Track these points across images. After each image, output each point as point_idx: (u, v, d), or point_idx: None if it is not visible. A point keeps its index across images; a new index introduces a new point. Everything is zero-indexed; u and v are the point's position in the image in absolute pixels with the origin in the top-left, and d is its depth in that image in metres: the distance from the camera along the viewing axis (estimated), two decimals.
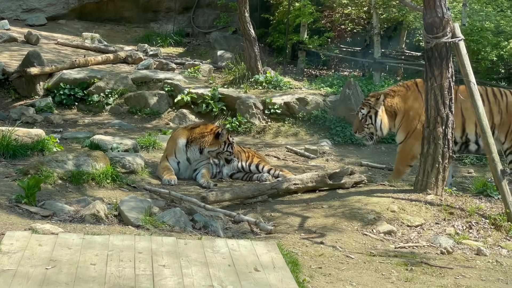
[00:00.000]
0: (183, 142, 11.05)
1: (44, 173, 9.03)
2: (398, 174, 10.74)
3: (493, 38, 17.48)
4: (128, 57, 19.14)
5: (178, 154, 11.02)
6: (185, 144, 11.04)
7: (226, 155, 11.14)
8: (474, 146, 10.75)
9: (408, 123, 10.64)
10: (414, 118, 10.60)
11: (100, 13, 24.57)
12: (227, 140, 11.12)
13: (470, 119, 10.47)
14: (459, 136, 10.61)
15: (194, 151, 11.03)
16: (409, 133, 10.60)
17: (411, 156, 10.67)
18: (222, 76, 18.48)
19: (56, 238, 6.48)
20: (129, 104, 15.99)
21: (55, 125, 14.40)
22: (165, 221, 7.93)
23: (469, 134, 10.63)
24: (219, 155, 11.13)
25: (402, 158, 10.76)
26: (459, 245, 8.15)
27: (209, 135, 11.11)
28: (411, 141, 10.59)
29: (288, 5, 21.28)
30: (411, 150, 10.60)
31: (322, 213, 8.95)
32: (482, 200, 9.45)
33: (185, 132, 11.20)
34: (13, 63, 16.85)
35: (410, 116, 10.64)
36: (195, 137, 11.07)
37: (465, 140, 10.69)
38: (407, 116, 10.67)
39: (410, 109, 10.67)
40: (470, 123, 10.51)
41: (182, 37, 24.08)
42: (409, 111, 10.66)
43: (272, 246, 6.81)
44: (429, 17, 9.10)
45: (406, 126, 10.66)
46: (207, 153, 11.04)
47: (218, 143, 11.05)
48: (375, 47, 20.36)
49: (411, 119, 10.62)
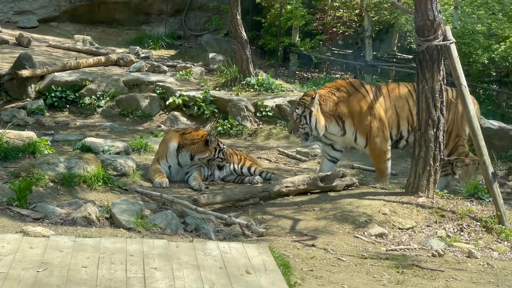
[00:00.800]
0: (174, 146, 11.02)
1: (36, 175, 9.01)
2: (382, 173, 10.71)
3: (484, 41, 17.53)
4: (120, 60, 19.13)
5: (169, 158, 11.00)
6: (176, 149, 11.01)
7: (217, 161, 11.11)
8: (403, 143, 10.93)
9: (362, 126, 10.59)
10: (366, 119, 10.56)
11: (92, 15, 24.58)
12: (218, 147, 11.09)
13: (403, 117, 10.71)
14: (394, 134, 10.79)
15: (185, 157, 11.01)
16: (368, 134, 10.58)
17: (383, 152, 10.67)
18: (213, 78, 18.50)
19: (48, 241, 6.46)
20: (121, 107, 15.98)
21: (46, 127, 14.39)
22: (157, 224, 7.92)
23: (403, 131, 10.79)
24: (211, 161, 11.09)
25: (376, 158, 10.75)
26: (451, 247, 8.16)
27: (200, 142, 11.06)
28: (373, 140, 10.59)
29: (280, 7, 21.32)
30: (380, 148, 10.61)
31: (314, 215, 8.95)
32: (474, 203, 9.46)
33: (176, 137, 11.16)
34: (4, 66, 16.84)
35: (360, 119, 10.58)
36: (186, 143, 11.04)
37: (399, 137, 10.82)
38: (358, 120, 10.60)
39: (357, 112, 10.60)
40: (404, 121, 10.71)
41: (174, 40, 24.11)
42: (357, 114, 10.59)
43: (263, 249, 6.80)
44: (421, 20, 9.13)
45: (363, 130, 10.60)
46: (197, 160, 11.02)
47: (208, 150, 11.02)
48: (366, 50, 20.43)
49: (363, 122, 10.57)
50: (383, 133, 10.59)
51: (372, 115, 10.53)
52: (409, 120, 10.67)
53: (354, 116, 10.59)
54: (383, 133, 10.59)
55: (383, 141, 10.58)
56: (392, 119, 10.66)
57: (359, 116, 10.57)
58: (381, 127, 10.57)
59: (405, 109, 10.69)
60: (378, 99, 10.66)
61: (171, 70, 19.44)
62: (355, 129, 10.62)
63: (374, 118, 10.53)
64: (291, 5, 21.16)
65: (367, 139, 10.60)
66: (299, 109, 10.68)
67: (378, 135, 10.55)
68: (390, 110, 10.67)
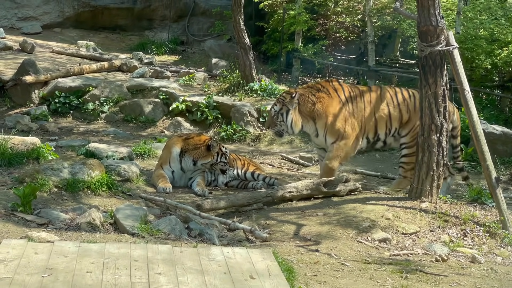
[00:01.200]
0: (177, 151, 11.04)
1: (40, 181, 9.03)
2: (331, 172, 10.52)
3: (487, 46, 17.52)
4: (123, 65, 19.17)
5: (172, 163, 11.02)
6: (179, 154, 11.03)
7: (220, 166, 11.13)
8: (380, 144, 10.98)
9: (333, 129, 10.54)
10: (338, 123, 10.53)
11: (95, 21, 24.65)
12: (220, 151, 11.12)
13: (381, 121, 10.70)
14: (371, 137, 10.80)
15: (188, 162, 11.03)
16: (339, 136, 10.53)
17: (346, 156, 10.66)
18: (216, 84, 18.53)
19: (52, 246, 6.48)
20: (124, 112, 16.01)
21: (50, 133, 14.42)
22: (161, 229, 7.94)
23: (380, 134, 10.80)
24: (214, 166, 11.11)
25: (335, 157, 10.59)
26: (454, 252, 8.17)
27: (202, 147, 11.07)
28: (343, 141, 10.54)
29: (283, 13, 21.34)
30: (345, 150, 10.57)
31: (317, 220, 8.97)
32: (477, 208, 9.46)
33: (179, 142, 11.18)
34: (8, 72, 16.88)
35: (332, 122, 10.54)
36: (189, 148, 11.06)
37: (376, 139, 10.84)
38: (329, 123, 10.56)
39: (330, 115, 10.56)
40: (382, 124, 10.71)
41: (177, 45, 24.16)
42: (330, 117, 10.55)
43: (267, 254, 6.82)
44: (423, 25, 9.15)
45: (334, 133, 10.56)
46: (200, 165, 11.04)
47: (210, 155, 11.04)
48: (369, 55, 20.44)
49: (335, 125, 10.53)
50: (355, 138, 10.63)
51: (346, 121, 10.52)
52: (387, 124, 10.73)
53: (327, 119, 10.55)
54: (355, 138, 10.64)
55: (350, 147, 10.63)
56: (370, 125, 10.70)
57: (333, 120, 10.52)
58: (355, 133, 10.60)
59: (385, 112, 10.70)
60: (356, 103, 10.68)
61: (174, 76, 19.48)
62: (325, 131, 10.58)
63: (348, 124, 10.52)
64: (294, 11, 21.17)
65: (336, 140, 10.55)
66: (277, 106, 10.72)
67: (348, 138, 10.54)
68: (368, 115, 10.70)
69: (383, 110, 10.70)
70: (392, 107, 10.68)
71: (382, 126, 10.74)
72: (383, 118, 10.69)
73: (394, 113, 10.69)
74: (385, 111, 10.69)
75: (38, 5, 24.06)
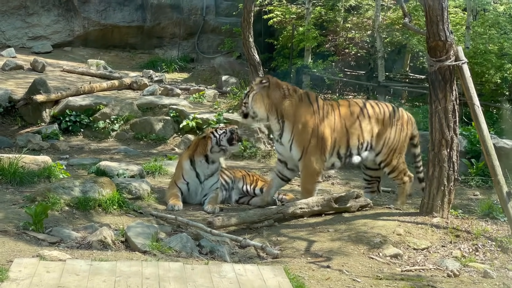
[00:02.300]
0: (188, 163, 11.04)
1: (51, 200, 9.06)
2: (309, 194, 10.40)
3: (496, 61, 17.52)
4: (133, 83, 19.24)
5: (186, 175, 11.01)
6: (190, 164, 11.03)
7: (223, 141, 10.99)
8: (357, 158, 10.73)
9: (301, 137, 10.37)
10: (306, 131, 10.36)
11: (105, 39, 24.77)
12: (212, 130, 11.13)
13: (354, 135, 10.57)
14: (343, 153, 10.61)
15: (201, 163, 10.98)
16: (305, 148, 10.36)
17: (315, 173, 10.48)
18: (227, 101, 18.57)
19: (64, 265, 6.51)
20: (135, 130, 16.05)
21: (61, 151, 14.46)
22: (172, 247, 7.95)
23: (353, 149, 10.63)
24: (221, 146, 10.98)
25: (307, 176, 10.51)
26: (466, 267, 8.14)
27: (201, 141, 11.09)
28: (308, 157, 10.38)
29: (292, 29, 21.39)
30: (313, 167, 10.41)
31: (328, 237, 8.96)
32: (488, 223, 9.45)
33: (186, 154, 11.19)
34: (19, 91, 16.97)
35: (301, 129, 10.38)
36: (195, 152, 11.04)
37: (349, 154, 10.64)
38: (297, 128, 10.38)
39: (300, 121, 10.41)
40: (354, 138, 10.58)
41: (186, 63, 24.23)
42: (299, 123, 10.39)
43: (278, 271, 6.82)
44: (432, 41, 9.16)
45: (300, 141, 10.37)
46: (212, 157, 11.01)
47: (209, 140, 10.97)
48: (379, 71, 20.44)
49: (303, 133, 10.37)
50: (321, 153, 10.42)
51: (313, 132, 10.35)
52: (360, 138, 10.60)
53: (295, 123, 10.40)
54: (320, 153, 10.41)
55: (318, 161, 10.41)
56: (342, 140, 10.56)
57: (301, 126, 10.38)
58: (321, 147, 10.40)
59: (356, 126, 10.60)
60: (327, 117, 10.51)
61: (185, 93, 19.53)
62: (292, 136, 10.42)
63: (316, 136, 10.35)
64: (303, 27, 21.23)
65: (302, 153, 10.40)
66: (247, 89, 10.84)
67: (315, 154, 10.38)
68: (339, 129, 10.56)
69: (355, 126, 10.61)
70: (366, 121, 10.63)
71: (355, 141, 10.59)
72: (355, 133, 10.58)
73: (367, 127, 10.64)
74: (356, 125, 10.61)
75: (48, 25, 24.21)
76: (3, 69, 19.88)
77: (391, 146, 10.62)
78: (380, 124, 10.66)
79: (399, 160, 10.74)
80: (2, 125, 15.84)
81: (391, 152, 10.62)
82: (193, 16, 25.48)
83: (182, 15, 25.26)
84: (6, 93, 16.35)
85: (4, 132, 15.44)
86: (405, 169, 10.82)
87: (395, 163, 10.67)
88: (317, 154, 10.36)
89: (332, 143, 10.48)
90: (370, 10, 21.87)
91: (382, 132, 10.63)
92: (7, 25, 23.78)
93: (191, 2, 25.30)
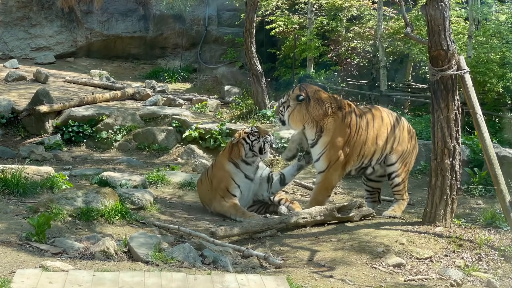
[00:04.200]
0: (230, 165, 10.98)
1: (54, 210, 9.06)
2: (318, 204, 10.33)
3: (499, 70, 17.54)
4: (136, 94, 19.29)
5: (236, 178, 10.92)
6: (234, 166, 10.96)
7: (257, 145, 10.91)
8: (370, 170, 10.76)
9: (330, 152, 10.36)
10: (338, 147, 10.34)
11: (108, 50, 24.86)
12: (245, 136, 10.99)
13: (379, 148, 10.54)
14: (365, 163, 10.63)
15: (243, 165, 10.97)
16: (331, 163, 10.36)
17: (331, 187, 10.63)
18: (229, 111, 18.60)
19: (67, 275, 6.50)
20: (138, 140, 16.07)
21: (64, 162, 14.47)
22: (175, 257, 7.94)
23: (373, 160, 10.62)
24: (254, 148, 10.88)
25: (322, 189, 10.55)
26: (469, 277, 8.13)
27: (234, 145, 11.02)
28: (331, 172, 10.40)
29: (294, 39, 21.44)
30: (331, 181, 10.51)
31: (331, 246, 8.95)
32: (491, 232, 9.43)
33: (224, 157, 11.11)
34: (22, 102, 17.01)
35: (334, 146, 10.36)
36: (230, 152, 11.01)
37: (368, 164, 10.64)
38: (331, 145, 10.35)
39: (337, 139, 10.38)
40: (378, 152, 10.55)
41: (189, 73, 24.30)
42: (336, 140, 10.37)
43: (281, 281, 6.81)
44: (434, 50, 9.17)
45: (329, 156, 10.36)
46: (248, 160, 10.97)
47: (241, 145, 10.90)
48: (381, 80, 20.47)
49: (335, 149, 10.35)
50: (343, 168, 10.47)
51: (344, 150, 10.35)
52: (383, 151, 10.59)
53: (332, 139, 10.36)
54: (342, 168, 10.46)
55: (339, 176, 10.58)
56: (369, 151, 10.55)
57: (336, 144, 10.35)
58: (345, 163, 10.44)
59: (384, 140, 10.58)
60: (362, 134, 10.46)
61: (187, 103, 19.57)
62: (324, 151, 10.39)
63: (345, 153, 10.36)
64: (305, 37, 21.28)
65: (327, 168, 10.41)
66: (284, 97, 10.75)
67: (338, 169, 10.41)
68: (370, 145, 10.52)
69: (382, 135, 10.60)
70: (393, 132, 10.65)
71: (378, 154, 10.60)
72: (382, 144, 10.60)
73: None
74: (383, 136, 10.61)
75: (51, 35, 24.31)
76: (6, 80, 19.96)
77: (405, 159, 10.61)
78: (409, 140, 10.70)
79: (407, 174, 10.77)
80: (5, 136, 15.88)
81: (403, 165, 10.61)
82: (196, 27, 25.57)
83: (185, 25, 25.36)
84: (9, 104, 16.41)
85: (7, 143, 15.48)
86: (406, 186, 10.83)
87: (404, 176, 10.66)
88: (339, 170, 10.42)
89: (359, 158, 10.54)
90: (372, 20, 21.91)
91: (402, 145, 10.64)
92: (10, 36, 23.88)
93: (194, 13, 25.37)
